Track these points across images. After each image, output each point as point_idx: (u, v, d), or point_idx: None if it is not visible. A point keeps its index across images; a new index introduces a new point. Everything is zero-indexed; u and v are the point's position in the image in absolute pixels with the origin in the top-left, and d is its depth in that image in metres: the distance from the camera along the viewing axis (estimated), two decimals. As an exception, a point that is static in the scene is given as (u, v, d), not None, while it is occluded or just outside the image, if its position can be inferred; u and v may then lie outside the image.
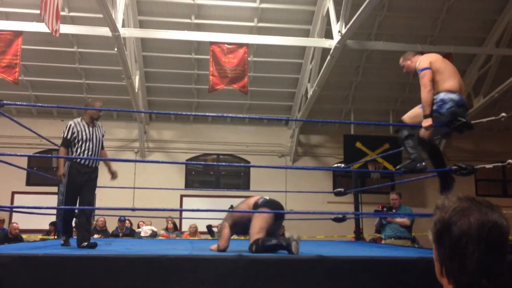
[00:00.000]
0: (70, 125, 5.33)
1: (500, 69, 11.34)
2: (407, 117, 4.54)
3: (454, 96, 4.22)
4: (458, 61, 11.05)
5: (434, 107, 4.23)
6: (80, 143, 5.29)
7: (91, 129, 5.43)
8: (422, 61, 4.40)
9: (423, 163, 4.39)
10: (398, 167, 4.55)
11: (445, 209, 1.18)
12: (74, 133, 5.29)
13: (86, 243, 4.89)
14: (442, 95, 4.23)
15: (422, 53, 4.67)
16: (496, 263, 1.11)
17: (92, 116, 5.47)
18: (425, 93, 4.24)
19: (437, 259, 1.19)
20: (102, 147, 5.65)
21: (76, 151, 5.27)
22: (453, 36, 11.21)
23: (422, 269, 3.27)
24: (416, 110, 4.47)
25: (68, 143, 5.29)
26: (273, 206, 4.78)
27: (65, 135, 5.30)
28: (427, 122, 4.25)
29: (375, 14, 10.64)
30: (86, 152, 5.29)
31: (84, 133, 5.33)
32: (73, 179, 5.22)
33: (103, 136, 5.64)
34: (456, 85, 4.28)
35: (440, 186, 4.62)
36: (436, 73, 4.30)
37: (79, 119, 5.46)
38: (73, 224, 5.60)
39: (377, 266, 3.43)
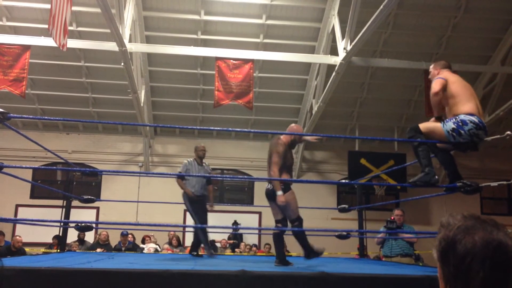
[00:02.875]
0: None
1: (505, 88, 11.35)
2: (424, 127, 4.45)
3: (473, 118, 4.24)
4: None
5: (454, 126, 4.24)
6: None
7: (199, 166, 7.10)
8: (441, 73, 4.52)
9: (436, 177, 4.35)
10: (411, 180, 4.46)
11: (449, 227, 1.17)
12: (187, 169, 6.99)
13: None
14: (462, 117, 4.25)
15: (450, 67, 4.69)
16: (501, 282, 1.10)
17: (199, 155, 7.19)
18: (432, 96, 4.36)
19: (442, 277, 1.18)
20: (210, 183, 7.22)
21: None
22: (458, 54, 11.24)
23: (427, 288, 3.24)
24: (435, 124, 4.43)
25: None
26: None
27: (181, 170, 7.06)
28: (434, 120, 4.46)
29: (380, 32, 10.70)
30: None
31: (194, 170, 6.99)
32: None
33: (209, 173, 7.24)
34: (474, 108, 4.31)
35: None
36: (453, 96, 4.35)
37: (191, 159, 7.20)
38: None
39: (381, 284, 3.41)
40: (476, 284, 1.09)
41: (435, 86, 4.35)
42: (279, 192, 4.96)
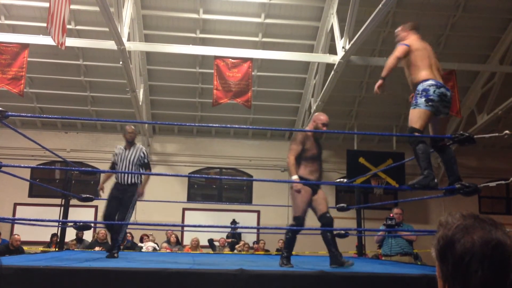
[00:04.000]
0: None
1: (503, 87, 11.35)
2: (414, 122, 4.47)
3: (429, 82, 4.47)
4: (461, 78, 11.10)
5: (423, 99, 4.41)
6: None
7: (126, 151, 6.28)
8: (408, 38, 4.79)
9: (435, 180, 4.36)
10: (410, 183, 4.44)
11: (448, 226, 1.17)
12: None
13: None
14: (420, 87, 4.47)
15: (417, 30, 4.92)
16: (499, 282, 1.10)
17: (126, 138, 6.35)
18: (391, 58, 4.64)
19: (440, 276, 1.18)
20: (146, 167, 6.39)
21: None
22: (457, 53, 11.25)
23: (425, 287, 3.24)
24: (416, 111, 4.48)
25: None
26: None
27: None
28: (379, 82, 4.73)
29: (379, 31, 10.70)
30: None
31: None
32: None
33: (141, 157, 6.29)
34: (429, 74, 4.53)
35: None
36: (413, 64, 4.61)
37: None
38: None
39: (379, 282, 3.41)
40: (475, 283, 1.09)
41: (399, 51, 4.60)
42: (294, 177, 4.74)
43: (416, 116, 4.47)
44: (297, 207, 4.80)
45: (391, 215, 7.08)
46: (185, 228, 12.20)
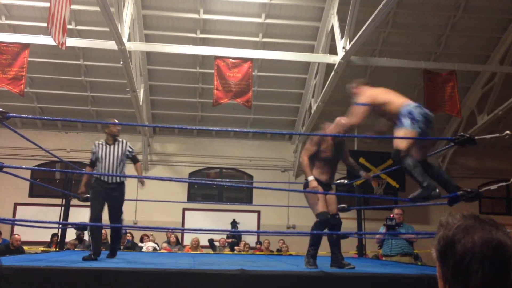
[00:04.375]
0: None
1: (504, 87, 11.34)
2: (400, 143, 4.41)
3: (413, 104, 4.44)
4: (462, 79, 11.09)
5: (409, 120, 4.35)
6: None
7: (110, 147, 5.84)
8: (362, 96, 4.79)
9: (437, 190, 4.30)
10: (411, 197, 4.39)
11: (448, 226, 1.17)
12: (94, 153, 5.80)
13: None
14: (403, 111, 4.40)
15: (369, 85, 4.98)
16: (500, 282, 1.10)
17: (111, 132, 5.94)
18: (351, 120, 4.81)
19: (441, 277, 1.18)
20: (135, 161, 6.24)
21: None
22: (457, 54, 11.25)
23: (425, 287, 3.24)
24: (401, 132, 4.43)
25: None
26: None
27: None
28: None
29: (379, 31, 10.70)
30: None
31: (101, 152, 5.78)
32: None
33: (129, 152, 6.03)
34: (405, 100, 4.54)
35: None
36: (384, 103, 4.62)
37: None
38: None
39: (380, 283, 3.41)
40: (475, 283, 1.09)
41: (357, 114, 4.74)
42: (309, 178, 4.79)
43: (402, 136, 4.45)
44: (316, 204, 4.82)
45: (392, 215, 7.07)
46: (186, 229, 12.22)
